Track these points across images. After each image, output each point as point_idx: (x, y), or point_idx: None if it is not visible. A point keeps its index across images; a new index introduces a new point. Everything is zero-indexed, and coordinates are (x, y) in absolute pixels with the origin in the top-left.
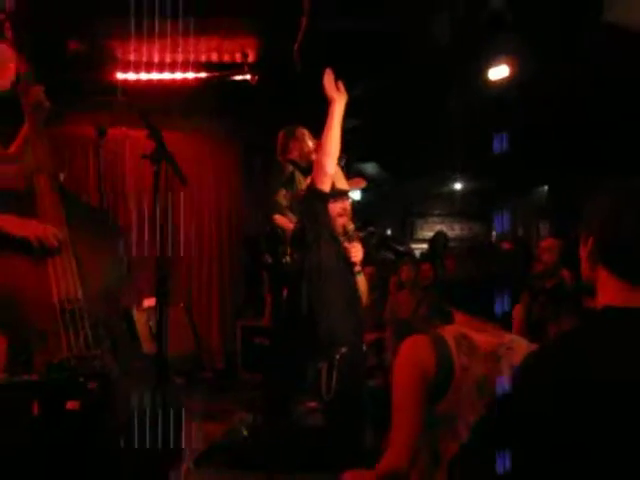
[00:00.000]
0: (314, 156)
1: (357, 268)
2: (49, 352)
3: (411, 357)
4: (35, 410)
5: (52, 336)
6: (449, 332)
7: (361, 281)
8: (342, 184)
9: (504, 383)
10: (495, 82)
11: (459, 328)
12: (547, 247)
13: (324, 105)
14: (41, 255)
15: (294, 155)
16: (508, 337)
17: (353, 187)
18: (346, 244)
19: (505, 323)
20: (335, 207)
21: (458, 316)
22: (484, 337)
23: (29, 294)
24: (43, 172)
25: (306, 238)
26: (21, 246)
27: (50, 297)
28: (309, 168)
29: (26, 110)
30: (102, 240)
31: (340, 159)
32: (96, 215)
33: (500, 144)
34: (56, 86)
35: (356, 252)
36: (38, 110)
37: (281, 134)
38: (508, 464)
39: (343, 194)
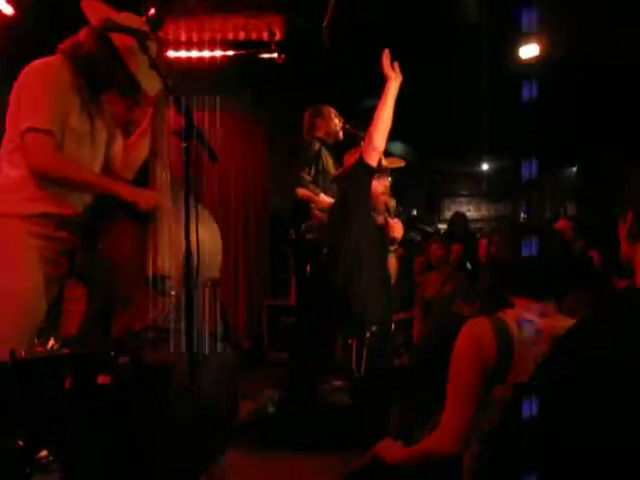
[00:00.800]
0: (341, 134)
1: (393, 246)
2: (130, 319)
3: (471, 340)
4: (68, 384)
5: (137, 305)
6: (510, 316)
7: (392, 260)
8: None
9: None
10: (525, 60)
11: (520, 312)
12: (560, 229)
13: (351, 83)
14: (146, 219)
15: (321, 133)
16: (569, 321)
17: (392, 166)
18: (388, 219)
19: (566, 306)
20: (379, 185)
21: (518, 300)
22: (546, 321)
23: (124, 259)
24: (159, 157)
25: (347, 212)
26: (131, 212)
27: (144, 267)
28: (336, 146)
29: (153, 98)
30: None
31: (362, 137)
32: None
33: (528, 124)
34: None
35: (398, 228)
36: (161, 99)
37: (308, 112)
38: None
39: (386, 171)
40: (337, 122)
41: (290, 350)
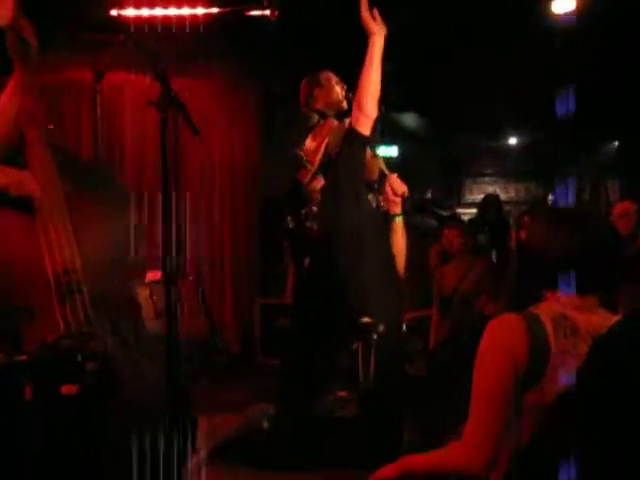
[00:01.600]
0: (344, 104)
1: (396, 209)
2: (41, 330)
3: (498, 340)
4: (28, 394)
5: (43, 312)
6: (545, 311)
7: (398, 227)
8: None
9: None
10: (560, 16)
11: (557, 307)
12: (623, 212)
13: (356, 44)
14: (24, 209)
15: (320, 104)
16: (615, 317)
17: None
18: (387, 174)
19: (610, 302)
20: (368, 153)
21: (552, 294)
22: (588, 318)
23: (14, 262)
24: (34, 125)
25: (339, 192)
26: (3, 202)
27: (41, 267)
28: (337, 117)
29: (13, 51)
30: (105, 202)
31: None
32: (97, 173)
33: (564, 92)
34: (45, 23)
35: (398, 184)
36: (27, 51)
37: (304, 81)
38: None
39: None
40: (339, 91)
41: (286, 356)
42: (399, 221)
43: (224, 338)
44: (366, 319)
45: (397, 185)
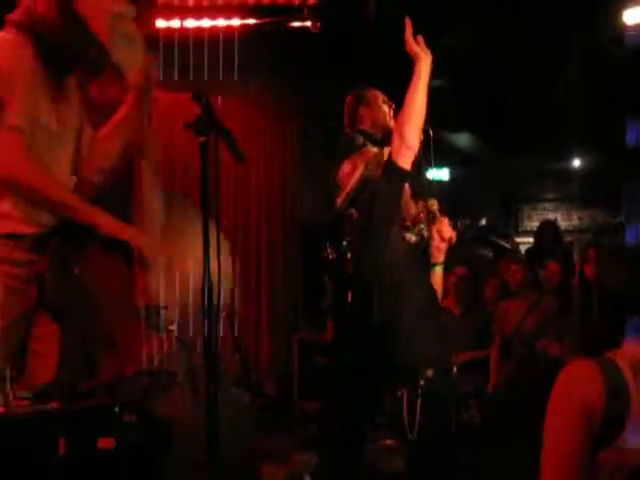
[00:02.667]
0: (392, 125)
1: (439, 256)
2: (118, 362)
3: (570, 390)
4: (62, 449)
5: (128, 343)
6: (624, 357)
7: (437, 278)
8: None
9: None
10: (631, 27)
11: (638, 352)
12: None
13: (405, 61)
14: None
15: (366, 125)
16: None
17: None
18: (433, 226)
19: None
20: (407, 189)
21: (634, 338)
22: None
23: (105, 287)
24: (144, 156)
25: (373, 230)
26: (114, 247)
27: (129, 295)
28: (384, 140)
29: (130, 79)
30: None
31: (425, 130)
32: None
33: (635, 110)
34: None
35: (447, 229)
36: (145, 82)
37: (349, 99)
38: None
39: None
40: (386, 110)
41: (326, 399)
42: (439, 271)
43: (259, 378)
44: (411, 364)
45: (446, 230)
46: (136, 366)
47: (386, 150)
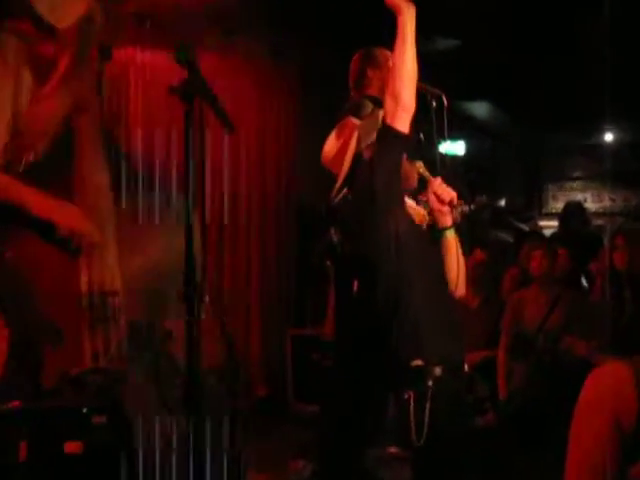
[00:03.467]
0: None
1: (446, 219)
2: (65, 358)
3: (600, 397)
4: (23, 454)
5: (72, 336)
6: None
7: (451, 243)
8: None
9: None
10: None
11: None
12: None
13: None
14: (70, 250)
15: (374, 89)
16: None
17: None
18: (430, 179)
19: None
20: (411, 166)
21: None
22: None
23: (47, 279)
24: (84, 111)
25: (371, 207)
26: (46, 230)
27: (77, 285)
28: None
29: (68, 33)
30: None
31: (435, 96)
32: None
33: None
34: None
35: (444, 189)
36: (86, 31)
37: (356, 58)
38: None
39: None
40: None
41: (324, 401)
42: (451, 236)
43: (249, 377)
44: (417, 362)
45: (442, 191)
46: (82, 363)
47: (378, 114)
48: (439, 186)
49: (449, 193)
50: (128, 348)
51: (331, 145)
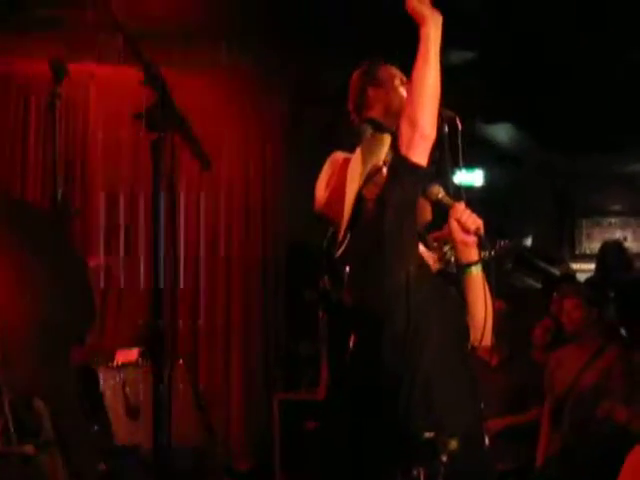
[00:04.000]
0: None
1: (470, 253)
2: None
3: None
4: None
5: None
6: None
7: (476, 281)
8: None
9: None
10: None
11: None
12: None
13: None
14: None
15: (376, 111)
16: None
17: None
18: (451, 218)
19: None
20: (432, 193)
21: None
22: None
23: None
24: None
25: (383, 248)
26: None
27: None
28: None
29: None
30: (45, 258)
31: (447, 119)
32: (36, 217)
33: None
34: None
35: (468, 216)
36: None
37: (356, 76)
38: None
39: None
40: (403, 92)
41: (318, 476)
42: (477, 273)
43: (228, 450)
44: (429, 433)
45: (467, 218)
46: None
47: (383, 141)
48: (463, 212)
49: (475, 220)
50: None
51: (323, 187)
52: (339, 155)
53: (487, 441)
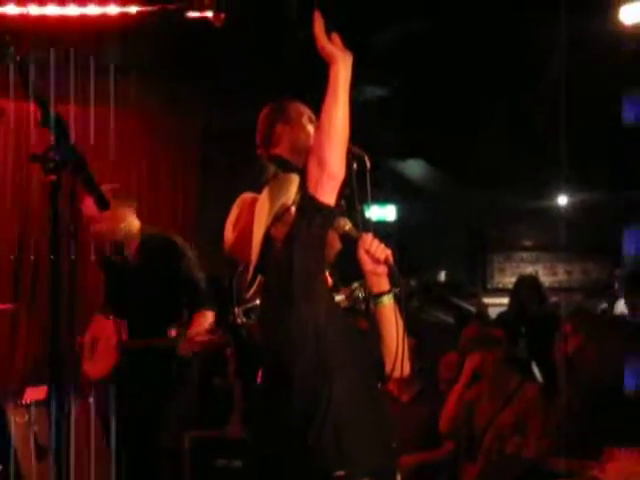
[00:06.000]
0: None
1: (381, 283)
2: None
3: None
4: None
5: None
6: (615, 474)
7: (389, 312)
8: None
9: None
10: (630, 28)
11: (628, 466)
12: None
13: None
14: None
15: (282, 148)
16: None
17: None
18: (363, 241)
19: None
20: (334, 238)
21: (620, 450)
22: None
23: None
24: None
25: (292, 287)
26: None
27: None
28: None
29: None
30: None
31: (356, 157)
32: None
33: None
34: None
35: (377, 246)
36: None
37: (265, 113)
38: None
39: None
40: (310, 129)
41: None
42: (389, 302)
43: None
44: (340, 471)
45: (376, 248)
46: None
47: (290, 180)
48: (372, 242)
49: (384, 250)
50: None
51: (231, 228)
52: (247, 196)
53: (399, 479)
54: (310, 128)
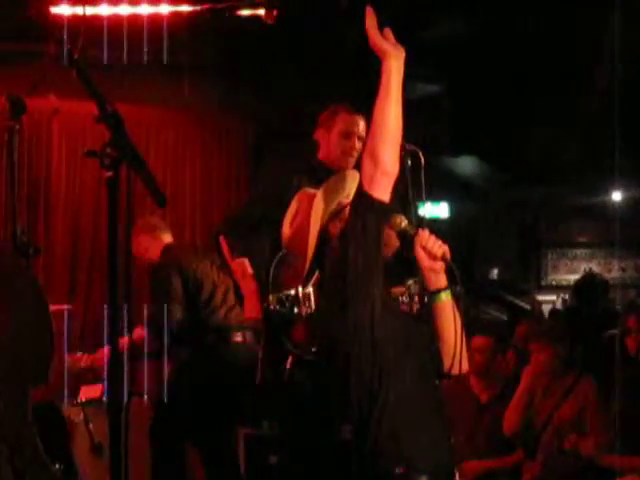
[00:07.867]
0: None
1: (438, 279)
2: None
3: None
4: None
5: None
6: None
7: (446, 308)
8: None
9: None
10: None
11: None
12: None
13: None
14: None
15: (320, 154)
16: None
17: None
18: (420, 237)
19: None
20: (391, 235)
21: None
22: None
23: None
24: None
25: (348, 287)
26: None
27: None
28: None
29: None
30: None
31: (410, 153)
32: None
33: None
34: None
35: (434, 243)
36: None
37: (325, 115)
38: None
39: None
40: (350, 146)
41: None
42: (447, 299)
43: None
44: (400, 468)
45: (433, 244)
46: None
47: (348, 177)
48: (428, 239)
49: (440, 246)
50: None
51: (288, 224)
52: (305, 192)
53: (457, 478)
54: (350, 143)
